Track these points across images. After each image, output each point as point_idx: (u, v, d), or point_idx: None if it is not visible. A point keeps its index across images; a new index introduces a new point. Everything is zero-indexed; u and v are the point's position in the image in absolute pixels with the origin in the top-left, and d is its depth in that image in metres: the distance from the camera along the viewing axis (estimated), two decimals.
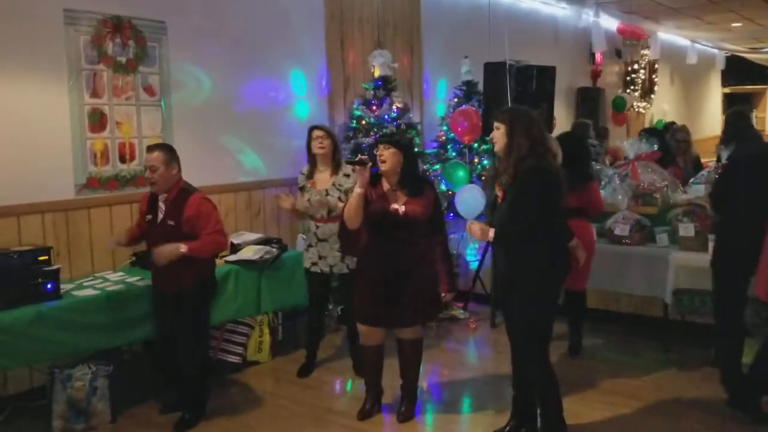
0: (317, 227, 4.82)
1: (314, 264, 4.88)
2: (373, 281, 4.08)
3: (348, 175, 4.80)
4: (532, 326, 3.66)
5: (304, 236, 5.17)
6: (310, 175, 4.89)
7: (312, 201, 4.78)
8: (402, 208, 4.00)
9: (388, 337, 4.28)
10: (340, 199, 4.73)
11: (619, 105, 12.16)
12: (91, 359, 4.29)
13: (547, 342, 3.75)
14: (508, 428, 3.94)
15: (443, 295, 4.12)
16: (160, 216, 4.17)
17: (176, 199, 4.13)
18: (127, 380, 4.52)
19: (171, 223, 4.11)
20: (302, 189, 4.92)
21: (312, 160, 4.90)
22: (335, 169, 4.87)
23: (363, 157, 4.09)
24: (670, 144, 7.04)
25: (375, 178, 4.08)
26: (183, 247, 4.00)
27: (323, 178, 4.85)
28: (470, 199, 6.18)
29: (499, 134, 3.67)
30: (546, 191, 3.56)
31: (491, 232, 3.59)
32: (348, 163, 4.40)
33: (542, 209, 3.53)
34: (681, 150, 7.09)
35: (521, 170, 3.54)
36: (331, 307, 5.85)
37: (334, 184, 4.81)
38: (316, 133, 4.84)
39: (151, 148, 4.19)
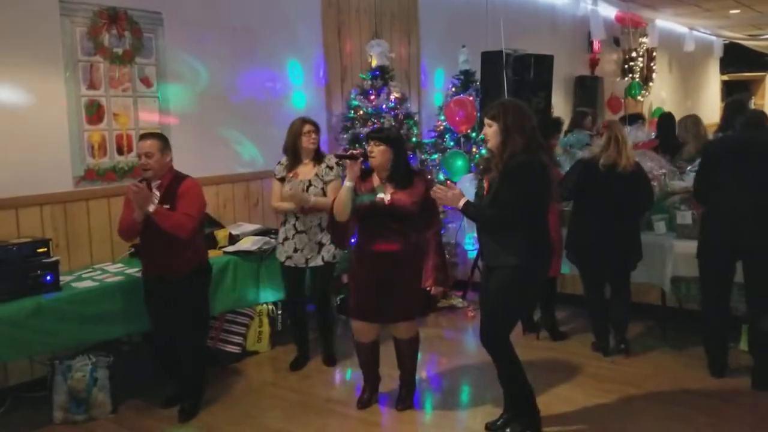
0: (297, 218, 4.78)
1: (288, 258, 4.82)
2: (364, 275, 4.08)
3: (331, 168, 4.78)
4: (501, 312, 3.70)
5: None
6: (291, 167, 4.82)
7: (290, 191, 4.67)
8: (387, 198, 4.00)
9: (383, 329, 4.29)
10: (323, 191, 4.72)
11: (633, 92, 12.26)
12: (91, 350, 4.32)
13: (511, 328, 3.80)
14: (500, 421, 3.93)
15: (429, 289, 4.09)
16: (155, 203, 4.13)
17: (171, 185, 4.16)
18: (127, 371, 4.54)
19: (167, 207, 4.10)
20: (282, 180, 4.83)
21: (296, 151, 4.82)
22: (318, 161, 4.84)
23: (354, 151, 4.08)
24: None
25: (366, 173, 4.10)
26: (152, 207, 4.00)
27: (306, 170, 4.81)
28: (471, 188, 6.18)
29: (491, 132, 3.62)
30: (531, 185, 3.54)
31: (462, 201, 3.60)
32: (337, 157, 4.40)
33: (525, 202, 3.53)
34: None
35: (510, 165, 3.53)
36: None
37: (317, 175, 4.77)
38: (308, 127, 4.81)
39: (144, 137, 4.21)
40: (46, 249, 4.19)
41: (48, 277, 4.09)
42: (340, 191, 4.05)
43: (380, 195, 4.02)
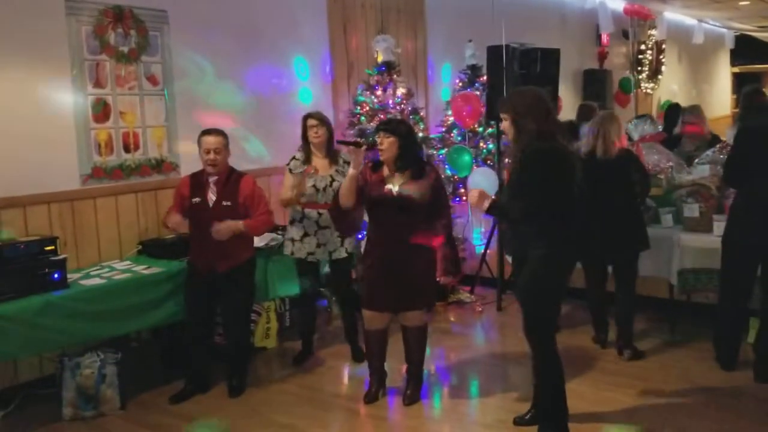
0: (320, 214, 4.78)
1: (311, 254, 4.83)
2: (375, 265, 4.13)
3: (348, 162, 4.77)
4: (537, 305, 3.63)
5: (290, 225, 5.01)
6: (307, 161, 4.84)
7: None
8: (396, 189, 4.04)
9: (392, 322, 4.30)
10: None
11: (626, 86, 12.06)
12: (100, 347, 4.35)
13: (553, 323, 3.75)
14: (528, 416, 3.91)
15: (438, 279, 4.13)
16: (212, 198, 4.36)
17: (228, 181, 4.39)
18: (135, 367, 4.57)
19: (227, 203, 4.33)
20: (300, 175, 4.80)
21: (307, 147, 4.86)
22: (333, 156, 4.85)
23: (358, 139, 4.15)
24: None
25: (377, 165, 4.16)
26: (241, 225, 4.29)
27: (323, 164, 4.83)
28: (483, 181, 6.19)
29: (506, 125, 3.65)
30: (550, 171, 3.48)
31: (487, 202, 3.55)
32: (339, 143, 4.53)
33: (546, 189, 3.46)
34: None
35: (526, 153, 3.52)
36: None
37: (337, 171, 4.81)
38: (311, 122, 4.82)
39: (210, 132, 4.41)
40: (53, 247, 4.21)
41: (56, 275, 4.11)
42: (345, 179, 4.13)
43: (389, 186, 4.05)
